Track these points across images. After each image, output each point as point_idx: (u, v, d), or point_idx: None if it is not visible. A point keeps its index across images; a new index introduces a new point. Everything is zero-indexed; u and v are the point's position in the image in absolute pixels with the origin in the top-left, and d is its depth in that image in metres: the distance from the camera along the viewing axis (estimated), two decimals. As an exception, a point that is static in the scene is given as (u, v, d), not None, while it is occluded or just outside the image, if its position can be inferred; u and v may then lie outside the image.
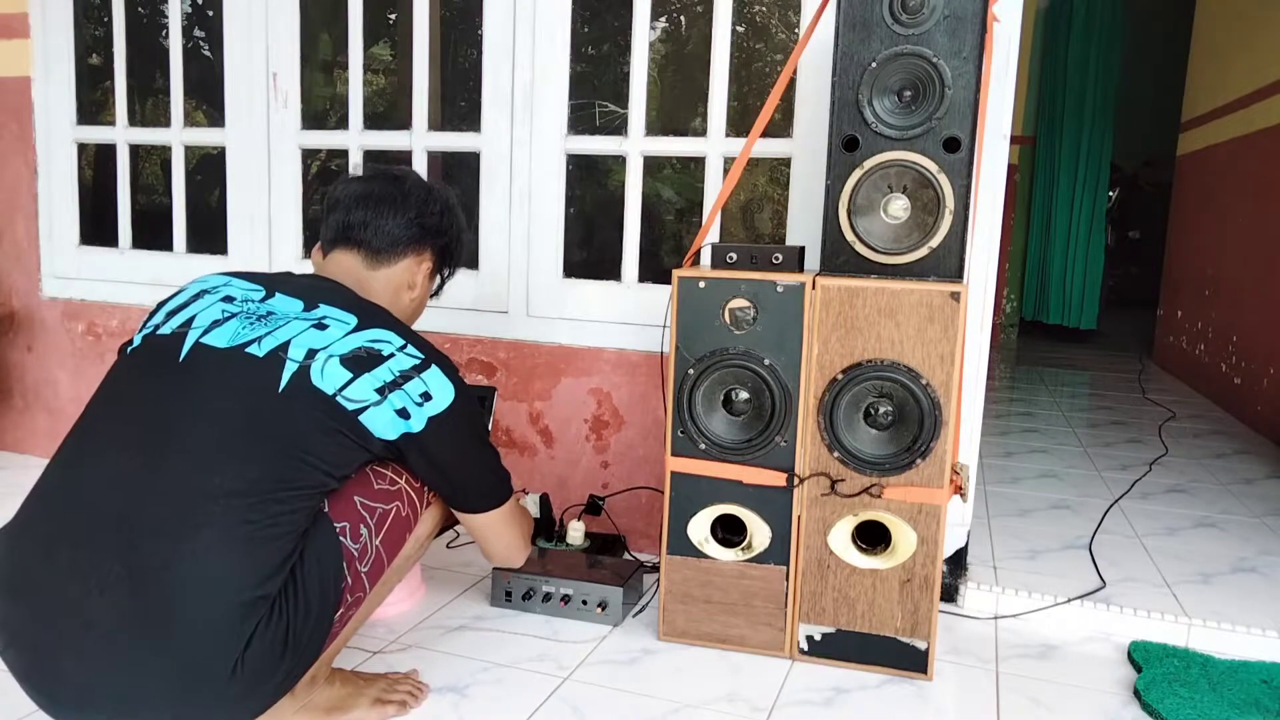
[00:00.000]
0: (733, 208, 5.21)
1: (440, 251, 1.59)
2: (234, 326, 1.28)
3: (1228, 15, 4.38)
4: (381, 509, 1.34)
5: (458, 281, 2.36)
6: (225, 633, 1.13)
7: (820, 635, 1.70)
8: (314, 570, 1.22)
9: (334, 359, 1.27)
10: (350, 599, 1.29)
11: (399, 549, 1.39)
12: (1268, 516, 2.52)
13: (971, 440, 1.93)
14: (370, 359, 1.29)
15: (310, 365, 1.25)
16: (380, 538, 1.33)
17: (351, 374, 1.27)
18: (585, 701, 1.54)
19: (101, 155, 3.21)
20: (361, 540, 1.30)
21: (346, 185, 1.53)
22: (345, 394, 1.26)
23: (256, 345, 1.26)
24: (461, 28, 4.84)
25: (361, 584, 1.31)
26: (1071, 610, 1.89)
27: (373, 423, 1.27)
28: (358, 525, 1.30)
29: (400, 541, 1.39)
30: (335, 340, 1.29)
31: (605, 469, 2.27)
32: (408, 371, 1.31)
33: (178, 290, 1.38)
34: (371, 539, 1.32)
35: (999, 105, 1.83)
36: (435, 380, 1.34)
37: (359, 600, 1.33)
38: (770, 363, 1.65)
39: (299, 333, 1.28)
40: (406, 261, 1.53)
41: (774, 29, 5.64)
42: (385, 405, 1.28)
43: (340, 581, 1.26)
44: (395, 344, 1.33)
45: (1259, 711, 1.56)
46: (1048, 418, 3.72)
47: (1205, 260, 4.47)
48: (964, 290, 1.56)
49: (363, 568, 1.30)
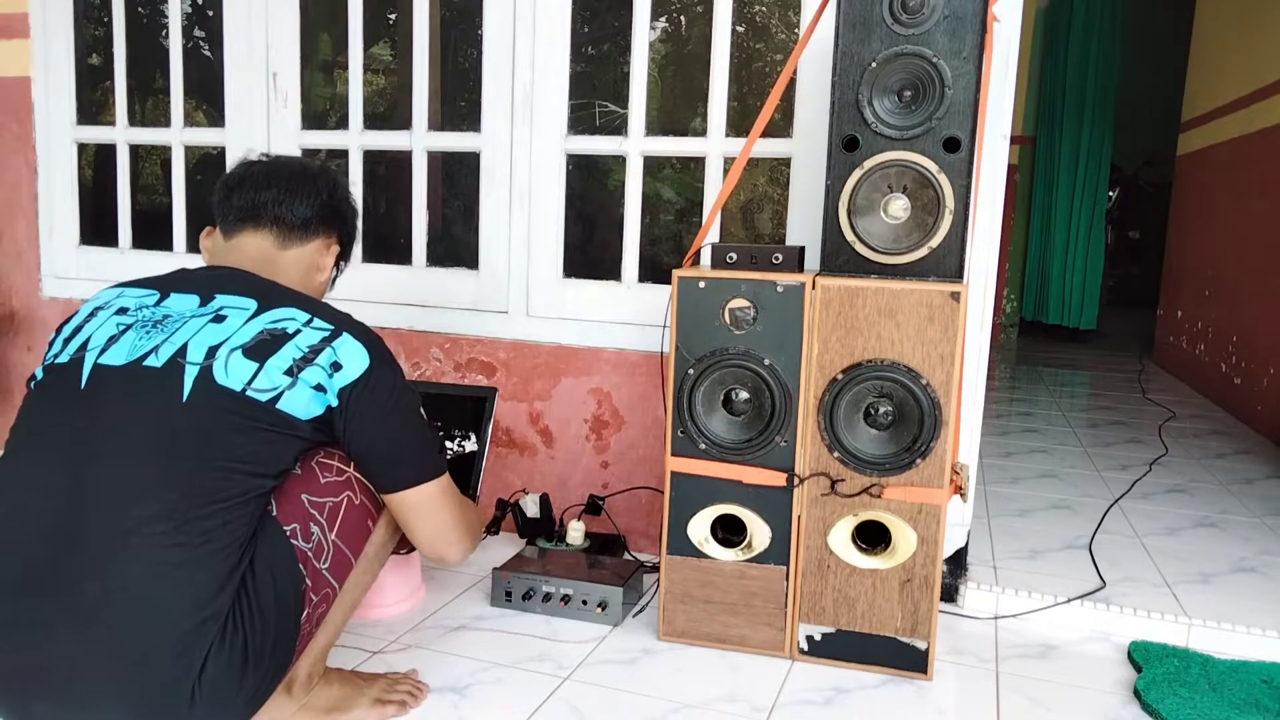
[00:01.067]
0: (733, 208, 5.21)
1: (344, 239, 1.53)
2: (130, 340, 1.23)
3: (1228, 15, 4.38)
4: (331, 502, 1.29)
5: (458, 281, 2.37)
6: (174, 662, 1.10)
7: (820, 635, 1.70)
8: (267, 579, 1.18)
9: (236, 352, 1.21)
10: (315, 598, 1.26)
11: (363, 538, 1.35)
12: (1268, 516, 2.52)
13: (971, 440, 1.93)
14: (274, 340, 1.23)
15: (212, 365, 1.20)
16: (335, 532, 1.29)
17: (257, 363, 1.21)
18: (585, 701, 1.54)
19: (101, 155, 3.21)
20: (314, 539, 1.25)
21: (248, 166, 1.46)
22: (254, 386, 1.20)
23: (154, 355, 1.21)
24: (461, 28, 4.83)
25: (325, 581, 1.27)
26: (1071, 610, 1.89)
27: (292, 406, 1.21)
28: (307, 524, 1.25)
29: (362, 531, 1.34)
30: (235, 331, 1.23)
31: (605, 469, 2.27)
32: (317, 345, 1.25)
33: (73, 314, 1.33)
34: (325, 535, 1.27)
35: (999, 105, 1.83)
36: (347, 348, 1.27)
37: (328, 597, 1.29)
38: (770, 363, 1.65)
39: (196, 331, 1.23)
40: (317, 243, 1.46)
41: (774, 29, 5.64)
42: (299, 385, 1.22)
43: (299, 584, 1.22)
44: (300, 319, 1.27)
45: (1259, 711, 1.56)
46: (1048, 418, 3.72)
47: (1205, 260, 4.47)
48: (964, 290, 1.56)
49: (322, 564, 1.26)
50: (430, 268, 2.41)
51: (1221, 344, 4.09)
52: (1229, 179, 4.21)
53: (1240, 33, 4.18)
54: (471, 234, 2.37)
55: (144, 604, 1.10)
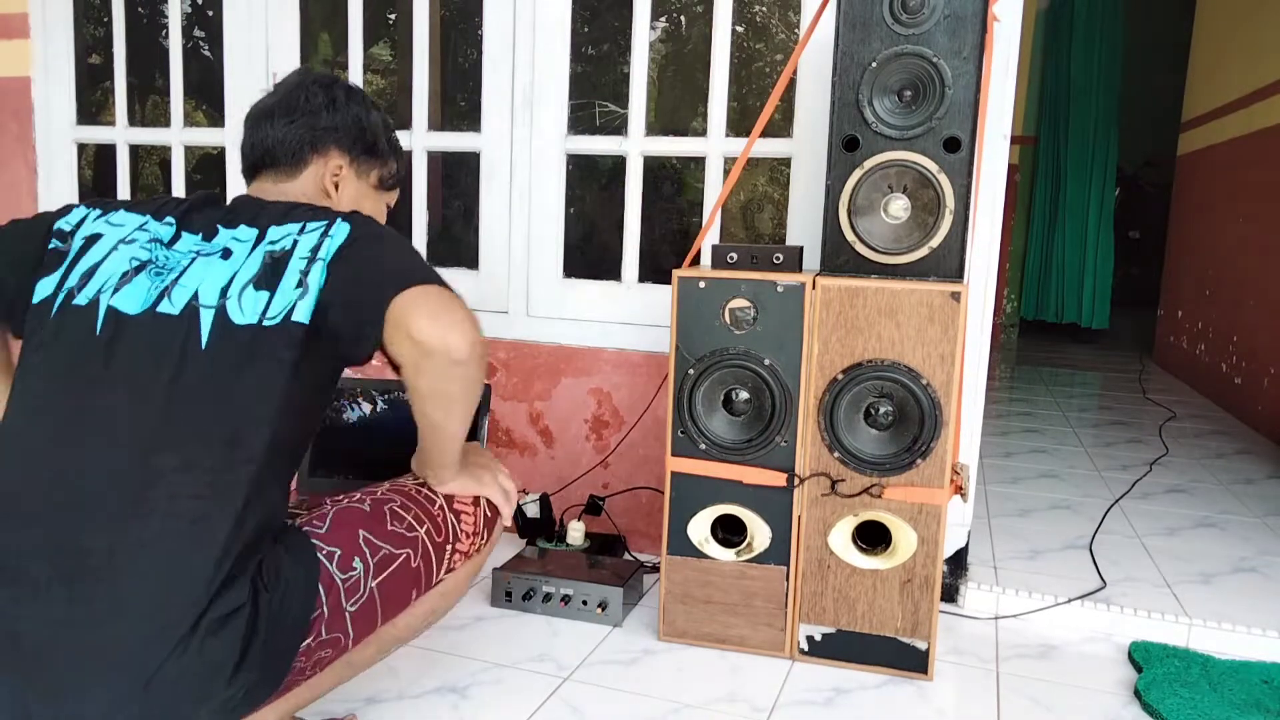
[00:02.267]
0: (733, 208, 5.21)
1: (350, 146, 1.36)
2: (144, 284, 1.16)
3: (1228, 15, 4.38)
4: (387, 551, 1.22)
5: (458, 281, 2.36)
6: (185, 612, 1.03)
7: (820, 635, 1.70)
8: (281, 580, 1.11)
9: (247, 287, 1.14)
10: (325, 635, 1.16)
11: (401, 605, 1.26)
12: (1268, 516, 2.52)
13: (972, 440, 1.93)
14: (277, 262, 1.16)
15: (226, 305, 1.14)
16: (378, 581, 1.20)
17: (268, 291, 1.14)
18: (585, 702, 1.54)
19: (101, 155, 3.21)
20: (353, 576, 1.17)
21: (252, 109, 1.36)
22: (269, 315, 1.13)
23: (168, 301, 1.15)
24: (461, 28, 4.84)
25: (342, 622, 1.17)
26: (1072, 610, 1.89)
27: (303, 312, 1.13)
28: (352, 557, 1.18)
29: (404, 597, 1.26)
30: (241, 265, 1.17)
31: (605, 469, 2.27)
32: (316, 244, 1.16)
33: (72, 213, 1.24)
34: (366, 578, 1.19)
35: (999, 105, 1.83)
36: (337, 228, 1.17)
37: (336, 643, 1.18)
38: (770, 363, 1.65)
39: (207, 272, 1.16)
40: (312, 168, 1.34)
41: (774, 29, 5.64)
42: (310, 289, 1.13)
43: (310, 608, 1.14)
44: (294, 230, 1.18)
45: (1260, 712, 1.55)
46: (1048, 418, 3.72)
47: (1205, 260, 4.47)
48: (964, 290, 1.56)
49: (348, 605, 1.17)
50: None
51: (1222, 344, 4.09)
52: (1229, 179, 4.21)
53: (1240, 33, 4.18)
54: (471, 234, 2.37)
55: (159, 561, 1.04)
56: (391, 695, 1.54)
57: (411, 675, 1.61)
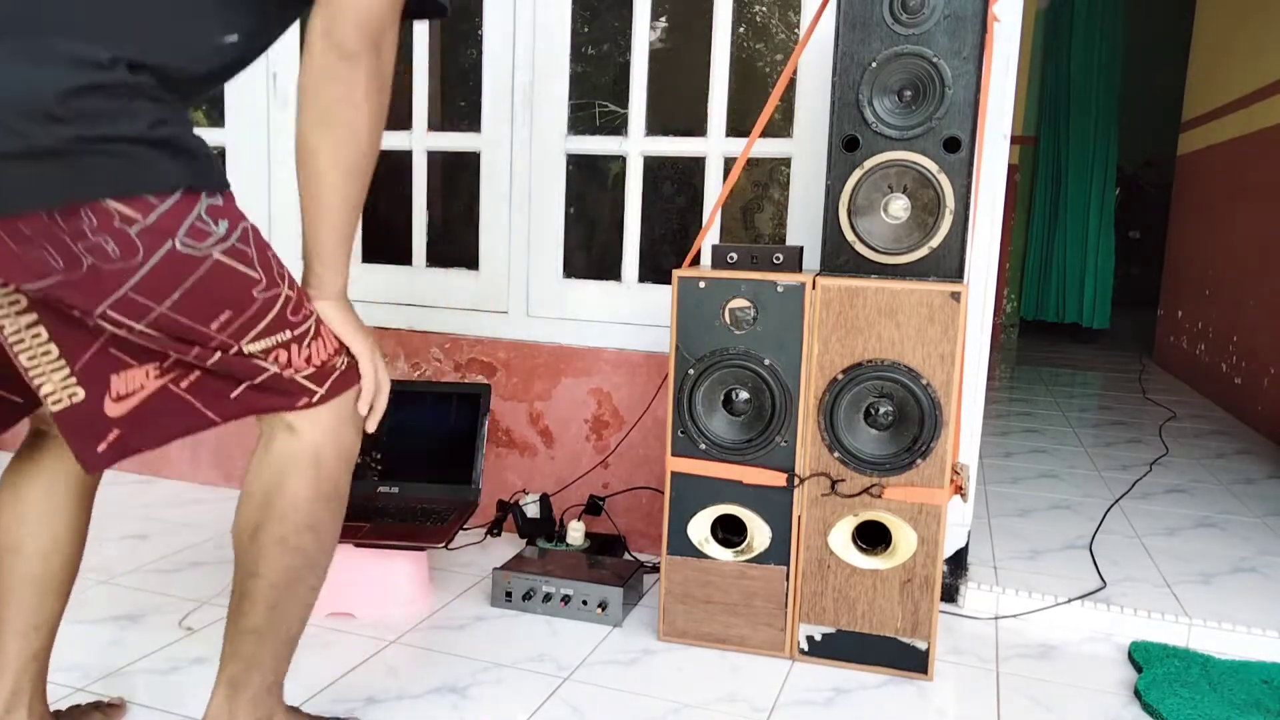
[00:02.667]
0: (733, 208, 5.21)
1: None
2: None
3: (1228, 15, 4.38)
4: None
5: (458, 282, 2.36)
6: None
7: (820, 635, 1.70)
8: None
9: None
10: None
11: (208, 319, 1.04)
12: (1268, 516, 2.52)
13: (972, 440, 1.93)
14: None
15: None
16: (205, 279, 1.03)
17: None
18: (585, 702, 1.54)
19: (101, 155, 3.20)
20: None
21: None
22: None
23: None
24: (461, 28, 4.83)
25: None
26: (1072, 610, 1.89)
27: None
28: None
29: (213, 314, 1.05)
30: None
31: (605, 469, 2.27)
32: None
33: None
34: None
35: (999, 105, 1.83)
36: None
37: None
38: (770, 363, 1.65)
39: None
40: None
41: (774, 29, 5.64)
42: None
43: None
44: None
45: (1260, 712, 1.55)
46: (1048, 418, 3.72)
47: (1205, 260, 4.47)
48: (964, 290, 1.56)
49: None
50: (430, 268, 2.41)
51: (1222, 344, 4.09)
52: (1229, 179, 4.21)
53: (1240, 32, 4.18)
54: (471, 234, 2.37)
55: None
56: (391, 695, 1.54)
57: (411, 675, 1.61)
